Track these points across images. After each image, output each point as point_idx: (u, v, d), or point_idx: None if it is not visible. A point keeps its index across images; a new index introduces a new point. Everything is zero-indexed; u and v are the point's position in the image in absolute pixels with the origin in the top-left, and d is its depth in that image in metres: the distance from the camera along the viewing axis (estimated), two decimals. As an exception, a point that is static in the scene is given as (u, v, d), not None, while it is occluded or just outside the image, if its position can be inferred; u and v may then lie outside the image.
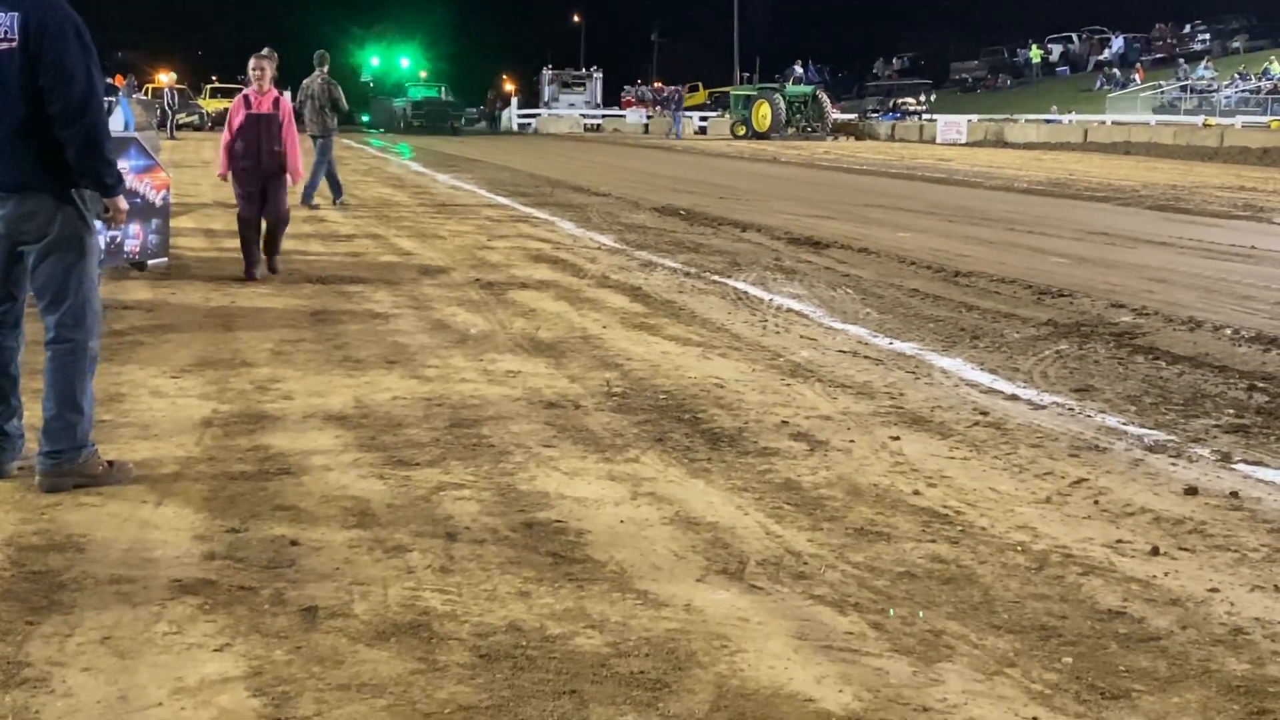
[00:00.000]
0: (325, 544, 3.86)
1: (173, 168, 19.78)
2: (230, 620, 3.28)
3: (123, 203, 4.60)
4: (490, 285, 9.34)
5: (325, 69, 16.28)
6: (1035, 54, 66.71)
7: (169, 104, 40.18)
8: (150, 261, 9.79)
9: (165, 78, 46.72)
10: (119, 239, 9.37)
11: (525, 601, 3.44)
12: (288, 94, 10.91)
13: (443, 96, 53.56)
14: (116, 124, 16.06)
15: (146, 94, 39.20)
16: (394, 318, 7.91)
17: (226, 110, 10.65)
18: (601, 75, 62.26)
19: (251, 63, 10.14)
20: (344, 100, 16.47)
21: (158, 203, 9.95)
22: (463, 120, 53.04)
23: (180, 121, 41.22)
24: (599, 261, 10.85)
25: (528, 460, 4.82)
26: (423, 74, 58.85)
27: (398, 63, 60.59)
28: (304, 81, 16.46)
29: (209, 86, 53.70)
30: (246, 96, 9.90)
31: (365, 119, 56.73)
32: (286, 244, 11.67)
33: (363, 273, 9.92)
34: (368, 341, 7.10)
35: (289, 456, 4.80)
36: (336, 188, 16.43)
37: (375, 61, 61.00)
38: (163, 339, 7.04)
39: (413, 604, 3.41)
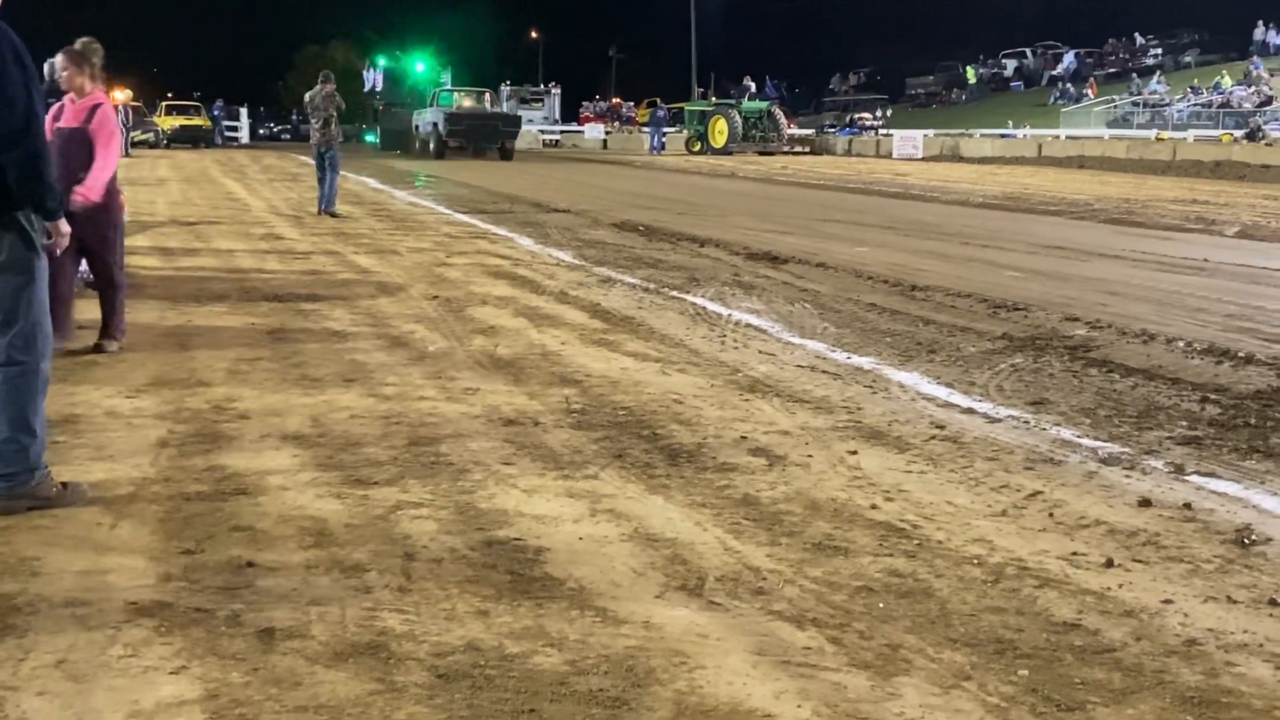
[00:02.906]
0: (282, 565, 3.84)
1: (128, 185, 19.66)
2: (186, 642, 3.26)
3: (64, 226, 4.58)
4: (449, 302, 9.32)
5: (330, 85, 17.14)
6: (970, 74, 67.56)
7: (124, 122, 39.89)
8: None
9: (120, 95, 46.45)
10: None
11: (484, 620, 3.44)
12: (121, 99, 9.96)
13: (489, 106, 40.74)
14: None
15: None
16: (352, 336, 7.88)
17: (182, 127, 10.44)
18: (560, 91, 62.29)
19: (58, 61, 7.04)
20: (343, 105, 17.59)
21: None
22: (516, 138, 39.39)
23: (135, 139, 40.86)
24: (558, 278, 10.85)
25: (486, 478, 4.81)
26: (445, 80, 46.51)
27: (411, 67, 49.33)
28: (307, 95, 17.60)
29: (164, 104, 53.27)
30: (62, 105, 7.15)
31: (370, 138, 50.03)
32: (243, 261, 11.64)
33: (320, 290, 9.88)
34: (325, 360, 7.07)
35: (245, 477, 4.78)
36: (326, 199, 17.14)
37: (374, 75, 51.70)
38: (118, 359, 6.98)
39: (370, 624, 3.40)
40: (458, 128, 36.93)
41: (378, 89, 51.60)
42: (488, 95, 40.94)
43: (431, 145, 37.59)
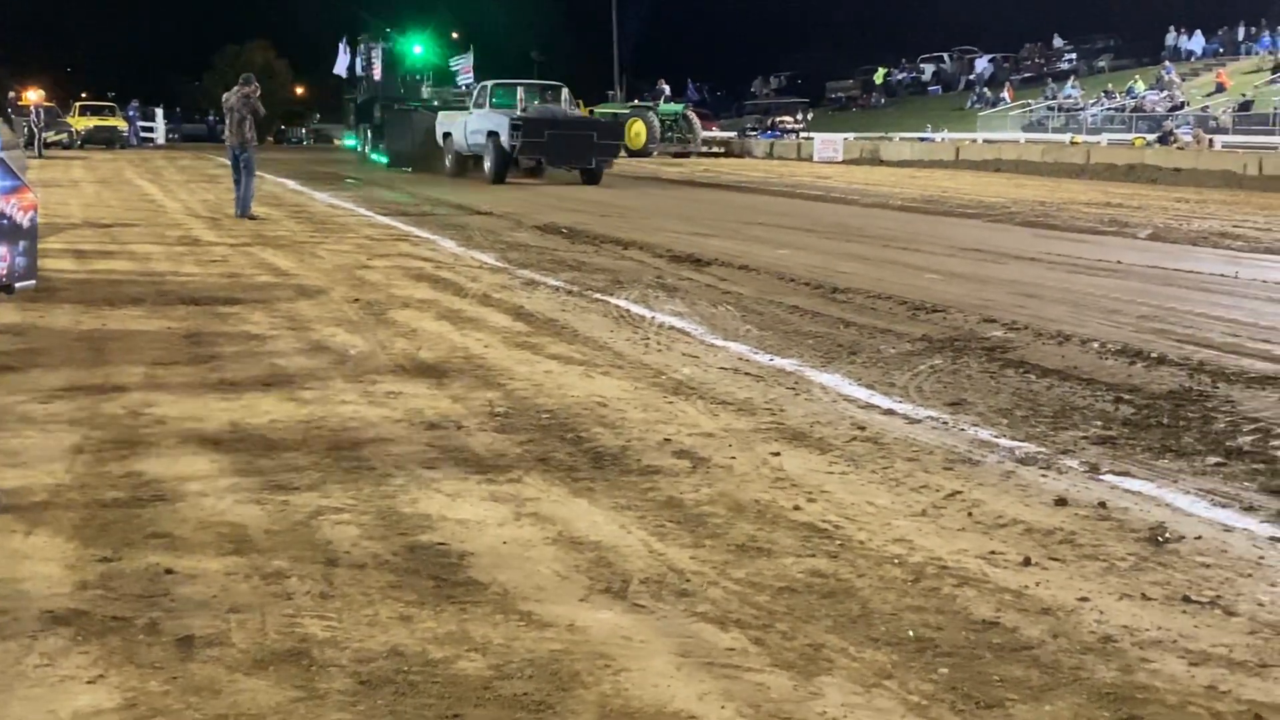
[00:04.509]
0: (201, 572, 3.80)
1: (40, 187, 19.33)
2: (104, 651, 3.21)
3: None
4: (370, 305, 9.26)
5: (250, 87, 16.84)
6: (879, 76, 68.48)
7: (36, 122, 39.16)
8: (18, 284, 9.50)
9: (33, 95, 45.55)
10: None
11: (407, 626, 3.42)
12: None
13: (567, 107, 28.69)
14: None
15: (12, 111, 38.24)
16: (271, 339, 7.80)
17: (97, 128, 10.30)
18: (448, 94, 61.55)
19: None
20: (262, 109, 17.09)
21: (25, 224, 9.67)
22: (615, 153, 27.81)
23: (49, 140, 40.18)
24: (481, 280, 10.82)
25: (409, 482, 4.79)
26: (463, 67, 34.96)
27: (409, 50, 36.82)
28: (224, 95, 17.21)
29: (78, 104, 52.38)
30: None
31: (352, 142, 39.39)
32: (159, 264, 11.49)
33: (238, 293, 9.77)
34: (244, 364, 6.99)
35: (163, 483, 4.71)
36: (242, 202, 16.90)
37: (347, 56, 38.32)
38: (31, 364, 6.86)
39: (292, 631, 3.37)
40: (535, 139, 24.93)
41: (363, 79, 38.27)
42: (565, 93, 28.78)
43: (488, 164, 25.61)
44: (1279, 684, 3.18)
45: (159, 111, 60.00)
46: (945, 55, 68.12)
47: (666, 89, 55.98)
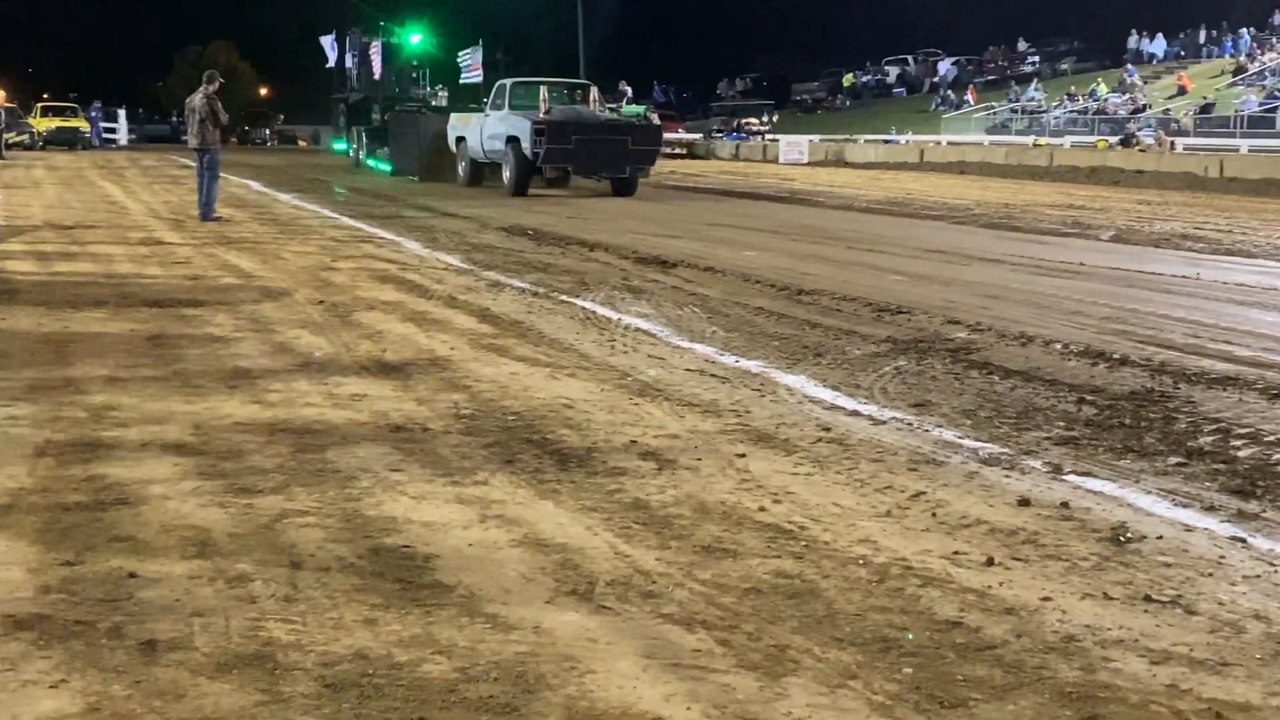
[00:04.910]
0: (164, 575, 3.78)
1: (2, 189, 19.17)
2: (66, 656, 3.19)
3: None
4: (334, 307, 9.22)
5: (213, 85, 16.65)
6: (848, 79, 68.81)
7: (-3, 123, 38.83)
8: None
9: (-5, 95, 45.18)
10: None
11: (372, 629, 3.41)
12: None
13: (597, 109, 25.00)
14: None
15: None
16: (235, 341, 7.76)
17: (59, 129, 10.24)
18: (447, 93, 61.59)
19: None
20: (224, 113, 16.85)
21: (-15, 225, 9.62)
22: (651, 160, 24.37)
23: (10, 141, 39.83)
24: (446, 282, 10.79)
25: (374, 485, 4.77)
26: (473, 65, 30.67)
27: (407, 40, 34.58)
28: (188, 97, 17.02)
29: (40, 105, 51.95)
30: None
31: (341, 146, 36.55)
32: (122, 266, 11.41)
33: (202, 295, 9.71)
34: (208, 366, 6.95)
35: (126, 486, 4.68)
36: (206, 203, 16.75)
37: (373, 55, 33.92)
38: (-9, 366, 6.80)
39: (256, 634, 3.35)
40: (562, 145, 21.74)
41: (355, 76, 35.39)
42: (594, 92, 25.47)
43: (507, 173, 22.71)
44: (1239, 682, 3.21)
45: (122, 113, 59.57)
46: (909, 58, 68.50)
47: (628, 90, 55.56)
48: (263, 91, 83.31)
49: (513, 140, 22.42)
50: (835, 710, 3.01)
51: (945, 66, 63.85)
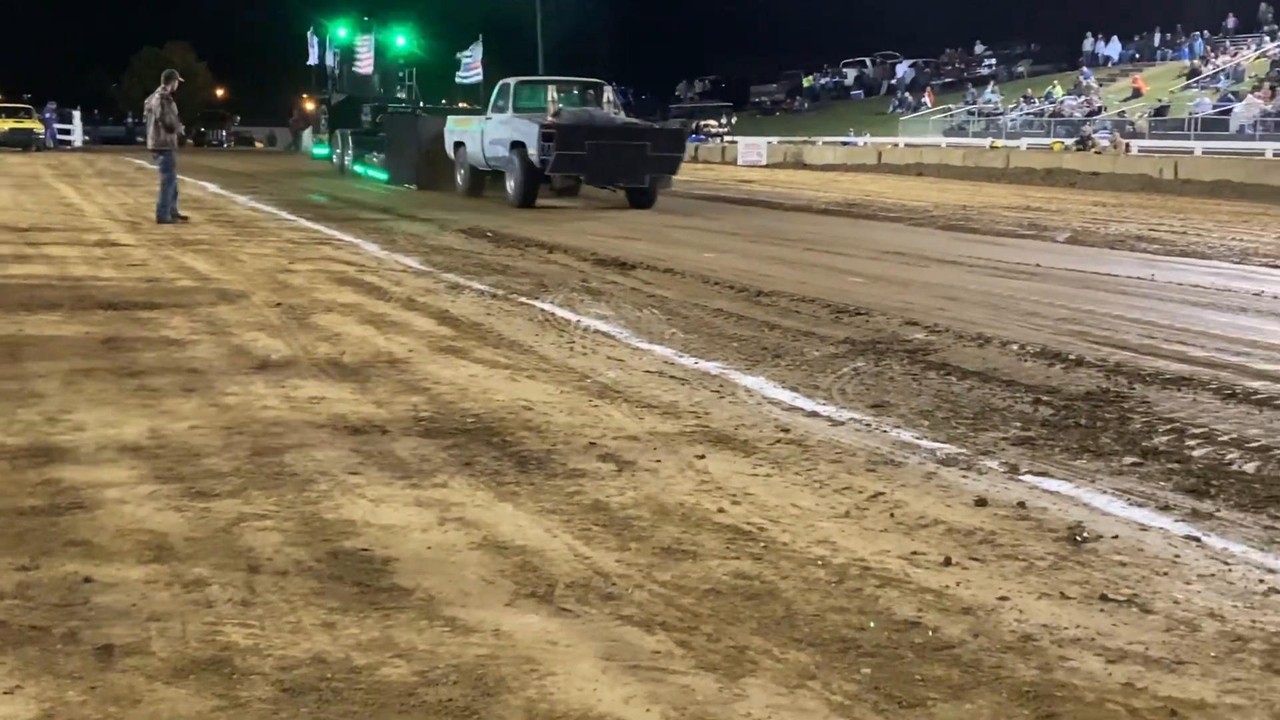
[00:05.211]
0: (121, 580, 3.75)
1: (-47, 189, 18.94)
2: (21, 662, 3.16)
3: None
4: (292, 309, 9.17)
5: (169, 86, 16.43)
6: (808, 81, 69.18)
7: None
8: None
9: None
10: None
11: (330, 633, 3.40)
12: None
13: (610, 110, 22.21)
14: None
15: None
16: (191, 344, 7.71)
17: (12, 130, 10.13)
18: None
19: None
20: (178, 123, 16.68)
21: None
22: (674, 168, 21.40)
23: (-38, 143, 39.42)
24: (405, 284, 10.76)
25: (332, 488, 4.75)
26: (472, 64, 28.44)
27: (393, 41, 32.30)
28: (146, 98, 16.78)
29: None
30: None
31: (323, 151, 33.44)
32: (77, 269, 11.31)
33: (158, 298, 9.64)
34: (164, 369, 6.90)
35: (81, 490, 4.64)
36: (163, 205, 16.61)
37: (362, 52, 32.06)
38: (-57, 370, 6.73)
39: (213, 639, 3.33)
40: (573, 152, 19.38)
41: (338, 75, 33.29)
42: (607, 93, 22.68)
43: (512, 183, 20.54)
44: (1194, 680, 3.24)
45: (76, 114, 58.98)
46: (867, 60, 68.80)
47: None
48: (219, 93, 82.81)
49: (518, 146, 20.12)
50: (794, 710, 3.02)
51: (903, 69, 64.19)
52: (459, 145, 23.11)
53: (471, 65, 28.54)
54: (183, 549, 4.04)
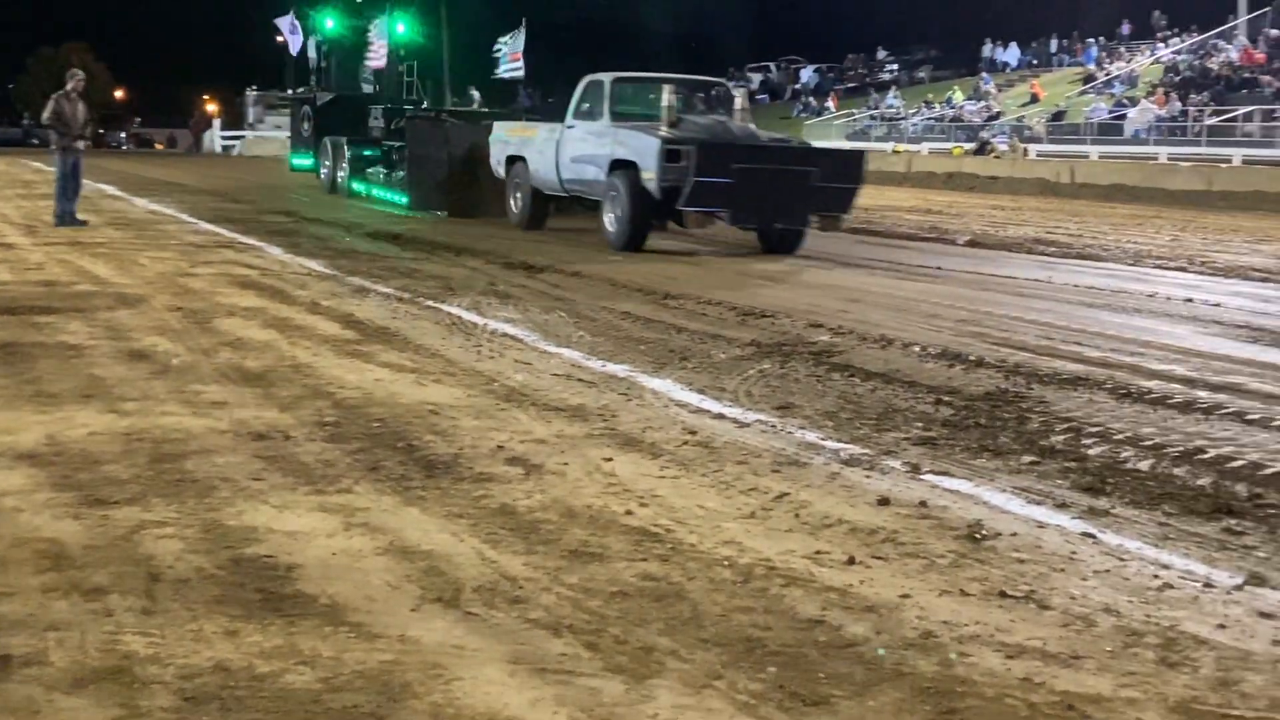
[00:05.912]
0: (17, 589, 3.67)
1: None
2: (-89, 676, 3.09)
3: None
4: (193, 314, 9.03)
5: (69, 85, 16.02)
6: None
7: None
8: None
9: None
10: None
11: (233, 640, 3.36)
12: None
13: (747, 122, 16.28)
14: None
15: None
16: (89, 349, 7.57)
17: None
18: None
19: None
20: (76, 123, 16.02)
21: None
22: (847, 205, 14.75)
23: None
24: (309, 288, 10.65)
25: (235, 495, 4.70)
26: (512, 55, 23.07)
27: (394, 29, 25.80)
28: (54, 96, 16.18)
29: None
30: None
31: (306, 163, 26.68)
32: (-30, 273, 11.03)
33: (55, 302, 9.45)
34: (61, 375, 6.77)
35: (-25, 499, 4.54)
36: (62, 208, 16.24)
37: (374, 38, 25.82)
38: None
39: (113, 648, 3.28)
40: (717, 179, 13.65)
41: (322, 68, 27.90)
42: (739, 100, 16.72)
43: (612, 217, 14.77)
44: (1091, 675, 3.32)
45: None
46: (772, 65, 69.24)
47: (476, 95, 52.57)
48: (118, 94, 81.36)
49: (623, 166, 14.48)
50: (701, 711, 3.05)
51: (807, 74, 64.78)
52: (514, 161, 17.52)
53: (512, 56, 23.22)
54: (81, 557, 3.97)
